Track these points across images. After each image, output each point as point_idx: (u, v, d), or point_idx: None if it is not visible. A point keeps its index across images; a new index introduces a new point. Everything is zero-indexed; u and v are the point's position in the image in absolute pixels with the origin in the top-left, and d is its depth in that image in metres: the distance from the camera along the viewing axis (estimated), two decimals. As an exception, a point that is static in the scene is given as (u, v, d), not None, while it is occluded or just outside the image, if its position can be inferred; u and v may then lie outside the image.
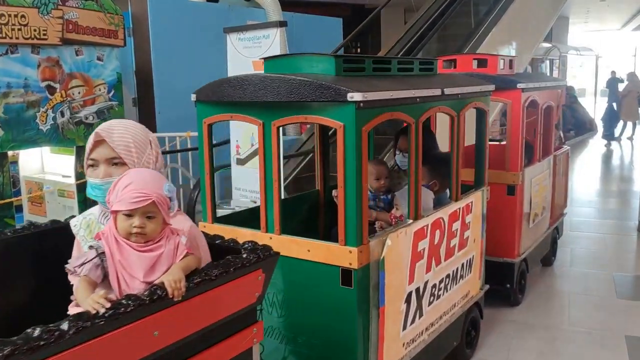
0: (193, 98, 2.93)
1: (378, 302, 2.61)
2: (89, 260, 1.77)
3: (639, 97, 14.80)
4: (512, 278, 4.40)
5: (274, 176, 2.72)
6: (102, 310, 1.50)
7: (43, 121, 5.18)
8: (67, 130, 5.37)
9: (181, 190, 6.54)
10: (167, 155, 6.58)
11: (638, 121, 15.21)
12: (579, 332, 4.14)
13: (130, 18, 6.92)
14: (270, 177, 2.74)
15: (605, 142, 15.02)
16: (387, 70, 3.01)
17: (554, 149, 5.32)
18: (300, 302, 2.71)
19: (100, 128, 1.96)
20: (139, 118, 7.33)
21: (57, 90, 5.26)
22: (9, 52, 4.89)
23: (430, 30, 9.20)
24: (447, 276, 3.29)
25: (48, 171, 6.18)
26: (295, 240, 2.68)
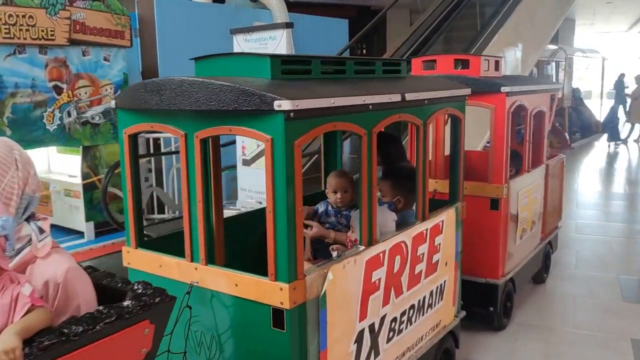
0: (112, 104, 2.59)
1: (318, 345, 2.27)
2: None
3: None
4: (495, 301, 4.01)
5: (197, 196, 2.36)
6: None
7: (50, 121, 5.21)
8: (74, 130, 5.40)
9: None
10: (173, 156, 6.59)
11: None
12: (584, 334, 4.13)
13: (137, 19, 6.93)
14: (194, 198, 2.37)
15: (610, 143, 14.94)
16: (341, 72, 2.66)
17: (547, 157, 5.00)
18: (231, 344, 2.37)
19: None
20: (145, 118, 7.32)
21: (64, 90, 5.29)
22: (16, 52, 4.92)
23: (436, 32, 9.19)
24: (412, 307, 2.96)
25: (54, 171, 6.21)
26: (222, 272, 2.32)
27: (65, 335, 1.33)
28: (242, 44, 5.75)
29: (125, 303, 1.57)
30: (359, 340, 2.54)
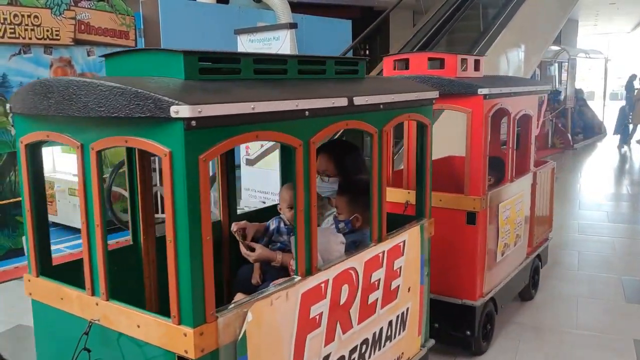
0: (8, 108, 2.21)
1: None
2: None
3: None
4: (473, 324, 3.62)
5: (96, 220, 1.98)
6: None
7: (55, 121, 5.24)
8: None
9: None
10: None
11: None
12: (587, 335, 4.13)
13: (142, 19, 6.96)
14: (92, 221, 2.00)
15: (617, 144, 14.91)
16: (280, 72, 2.30)
17: (535, 164, 4.65)
18: None
19: None
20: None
21: (69, 90, 5.32)
22: (22, 52, 4.95)
23: (438, 33, 9.20)
24: (365, 342, 2.61)
25: (59, 170, 6.24)
26: (124, 310, 1.94)
27: None
28: (246, 44, 5.77)
29: None
30: None
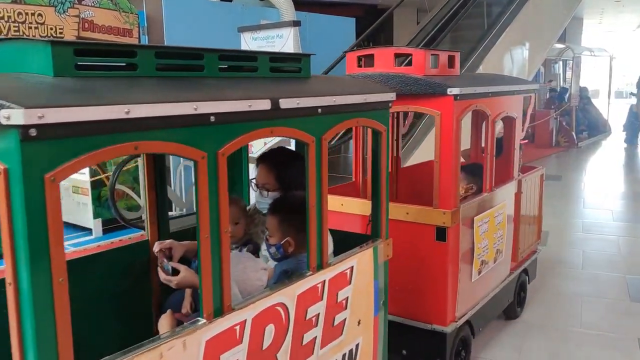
0: None
1: None
2: None
3: None
4: (443, 351, 3.26)
5: None
6: None
7: (59, 119, 5.24)
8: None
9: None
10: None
11: None
12: (591, 334, 4.12)
13: (145, 17, 6.96)
14: None
15: (625, 145, 14.87)
16: (195, 69, 1.90)
17: (523, 169, 4.34)
18: None
19: None
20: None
21: (73, 88, 5.32)
22: (26, 50, 4.96)
23: (442, 30, 9.19)
24: None
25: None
26: None
27: None
28: (249, 42, 5.77)
29: None
30: None
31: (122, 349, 1.55)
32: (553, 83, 16.33)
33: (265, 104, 1.88)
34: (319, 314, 2.23)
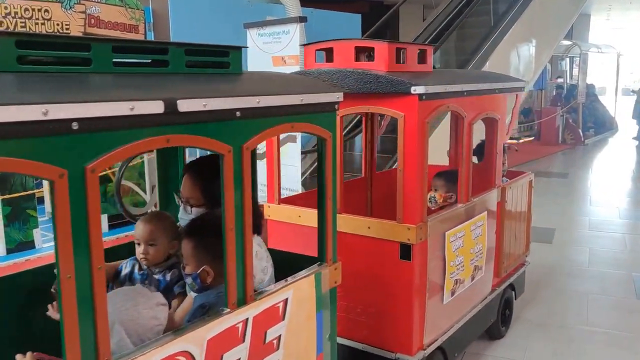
0: None
1: None
2: None
3: None
4: None
5: None
6: None
7: (65, 114, 5.26)
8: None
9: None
10: (187, 150, 6.63)
11: None
12: (597, 332, 4.11)
13: (151, 13, 6.97)
14: None
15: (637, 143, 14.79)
16: (82, 63, 1.55)
17: (509, 175, 4.05)
18: None
19: None
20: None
21: (79, 84, 5.34)
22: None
23: (448, 27, 9.16)
24: None
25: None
26: None
27: None
28: (255, 38, 5.77)
29: None
30: None
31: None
32: (560, 80, 16.26)
33: (155, 107, 1.50)
34: (240, 358, 1.84)
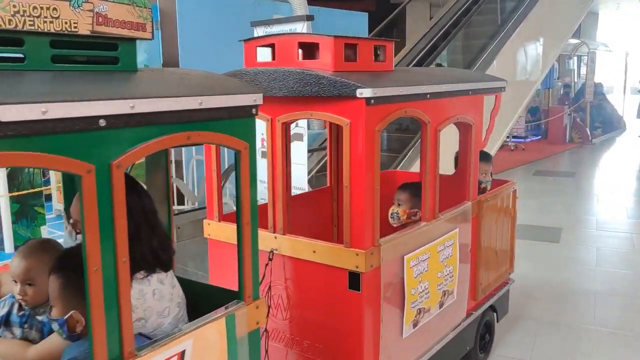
0: None
1: None
2: None
3: None
4: None
5: None
6: None
7: (73, 112, 5.28)
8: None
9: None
10: (193, 148, 6.64)
11: None
12: (605, 332, 4.09)
13: (159, 11, 6.99)
14: None
15: None
16: None
17: (494, 184, 3.67)
18: None
19: None
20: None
21: (87, 82, 5.36)
22: (40, 44, 5.00)
23: (455, 26, 9.13)
24: None
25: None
26: None
27: None
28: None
29: None
30: None
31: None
32: (567, 79, 16.19)
33: None
34: None
